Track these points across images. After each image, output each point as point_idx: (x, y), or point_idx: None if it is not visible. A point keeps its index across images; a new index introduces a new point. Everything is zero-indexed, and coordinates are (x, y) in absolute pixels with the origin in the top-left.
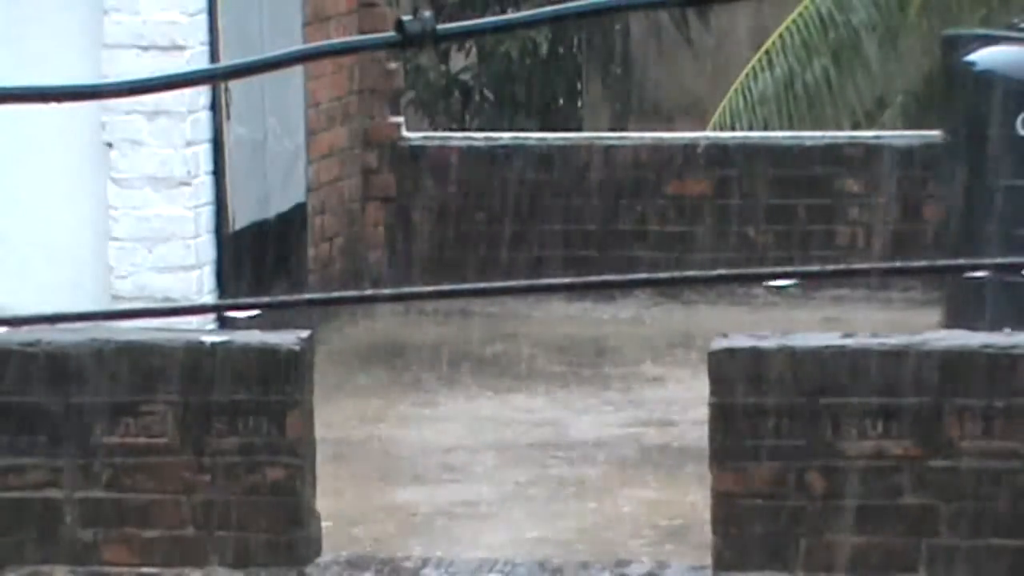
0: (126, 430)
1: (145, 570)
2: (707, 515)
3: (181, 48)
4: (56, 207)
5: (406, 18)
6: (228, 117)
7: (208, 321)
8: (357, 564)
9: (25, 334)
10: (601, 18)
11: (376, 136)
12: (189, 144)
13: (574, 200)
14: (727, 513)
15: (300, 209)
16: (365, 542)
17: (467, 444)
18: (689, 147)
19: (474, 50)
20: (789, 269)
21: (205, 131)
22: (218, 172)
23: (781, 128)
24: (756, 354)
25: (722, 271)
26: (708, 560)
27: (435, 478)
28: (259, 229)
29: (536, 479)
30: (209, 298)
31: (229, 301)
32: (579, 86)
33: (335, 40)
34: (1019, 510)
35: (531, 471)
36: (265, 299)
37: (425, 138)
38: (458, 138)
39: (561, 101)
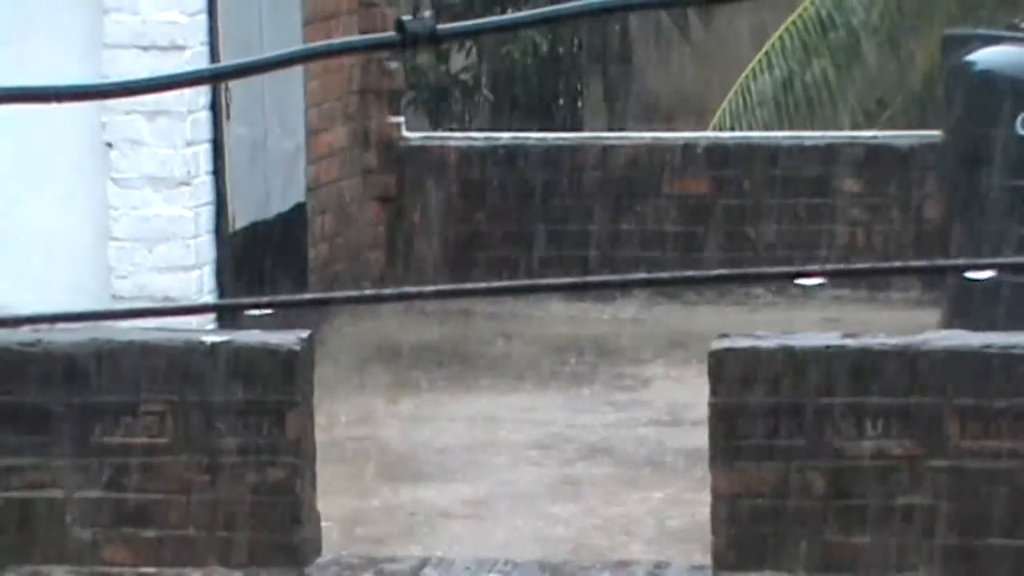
0: (126, 430)
1: (145, 570)
2: (707, 515)
3: (181, 48)
4: (56, 207)
5: (406, 18)
6: (228, 117)
7: (208, 321)
8: (357, 564)
9: (25, 334)
10: (601, 18)
11: (376, 136)
12: (189, 144)
13: (574, 200)
14: (727, 513)
15: (300, 209)
16: (365, 542)
17: (467, 444)
18: (689, 147)
19: (474, 50)
20: (789, 269)
21: (205, 131)
22: (218, 172)
23: (781, 129)
24: (756, 354)
25: (722, 271)
26: (708, 560)
27: (435, 478)
28: (259, 229)
29: (536, 479)
30: (209, 298)
31: (229, 301)
32: (579, 86)
33: (335, 40)
34: (1019, 510)
35: (531, 471)
36: (265, 299)
37: (425, 138)
38: (458, 138)
39: (561, 101)
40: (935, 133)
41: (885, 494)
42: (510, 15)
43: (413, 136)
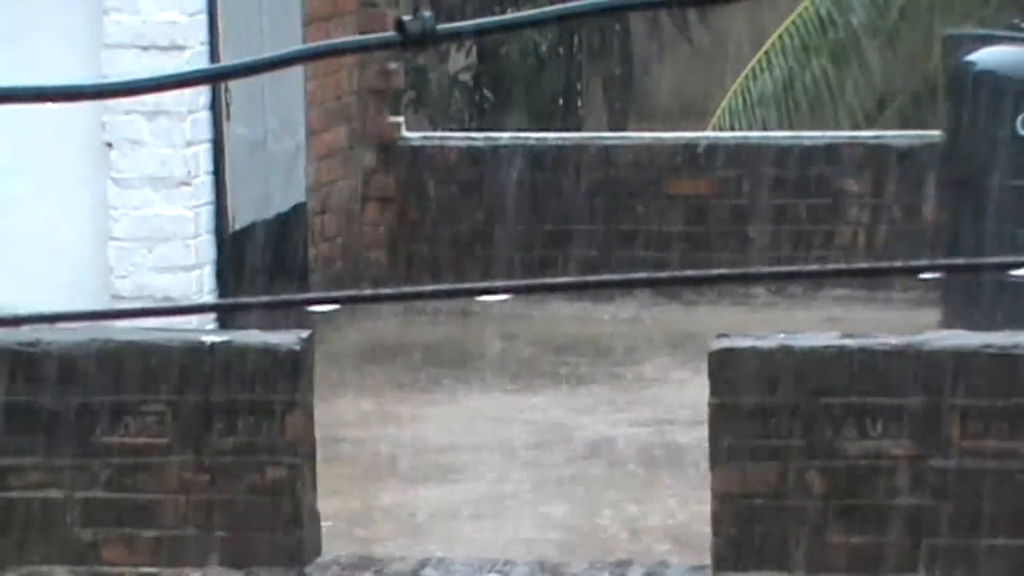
0: (126, 430)
1: (145, 570)
2: (707, 515)
3: (181, 48)
4: (56, 207)
5: (406, 18)
6: (228, 117)
7: (208, 321)
8: (357, 564)
9: (25, 334)
10: (601, 18)
11: (376, 136)
12: (189, 144)
13: (574, 200)
14: (727, 513)
15: (300, 209)
16: (365, 542)
17: (467, 444)
18: (689, 147)
19: (474, 50)
20: (789, 269)
21: (205, 131)
22: (218, 172)
23: (781, 129)
24: (756, 354)
25: (722, 271)
26: (708, 560)
27: (435, 478)
28: (259, 229)
29: (536, 479)
30: (209, 298)
31: (229, 301)
32: (579, 86)
33: (335, 40)
34: (1019, 510)
35: (531, 471)
36: (265, 299)
37: (425, 138)
38: (458, 138)
39: (561, 101)
40: (935, 133)
41: (885, 494)
42: (510, 15)
43: (413, 136)
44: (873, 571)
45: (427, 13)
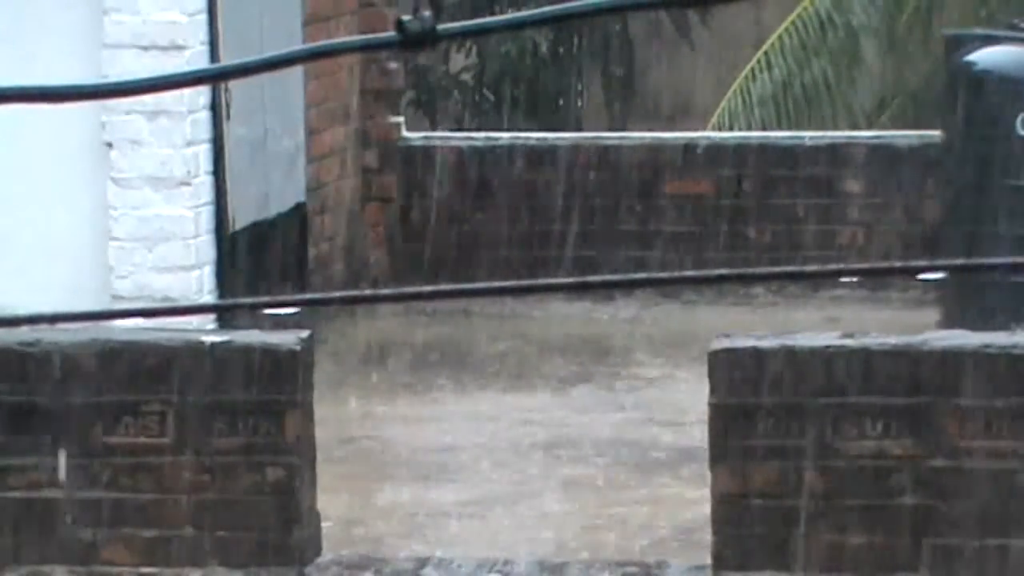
0: (126, 430)
1: (145, 570)
2: (707, 515)
3: (181, 48)
4: (56, 207)
5: (406, 18)
6: (228, 117)
7: (208, 321)
8: (357, 564)
9: (25, 334)
10: (601, 18)
11: (376, 136)
12: (189, 144)
13: (574, 200)
14: (727, 513)
15: (300, 209)
16: (365, 542)
17: (467, 444)
18: (689, 147)
19: (474, 50)
20: (789, 269)
21: (205, 131)
22: (218, 172)
23: (781, 129)
24: (756, 354)
25: (722, 271)
26: (708, 560)
27: (435, 478)
28: (259, 229)
29: (536, 479)
30: (209, 298)
31: (229, 301)
32: (579, 86)
33: (335, 40)
34: (1019, 510)
35: (531, 471)
36: (265, 299)
37: (425, 138)
38: (458, 138)
39: (561, 101)
40: (935, 133)
41: (885, 494)
42: (510, 15)
43: (413, 136)
44: (873, 571)
45: (427, 13)
